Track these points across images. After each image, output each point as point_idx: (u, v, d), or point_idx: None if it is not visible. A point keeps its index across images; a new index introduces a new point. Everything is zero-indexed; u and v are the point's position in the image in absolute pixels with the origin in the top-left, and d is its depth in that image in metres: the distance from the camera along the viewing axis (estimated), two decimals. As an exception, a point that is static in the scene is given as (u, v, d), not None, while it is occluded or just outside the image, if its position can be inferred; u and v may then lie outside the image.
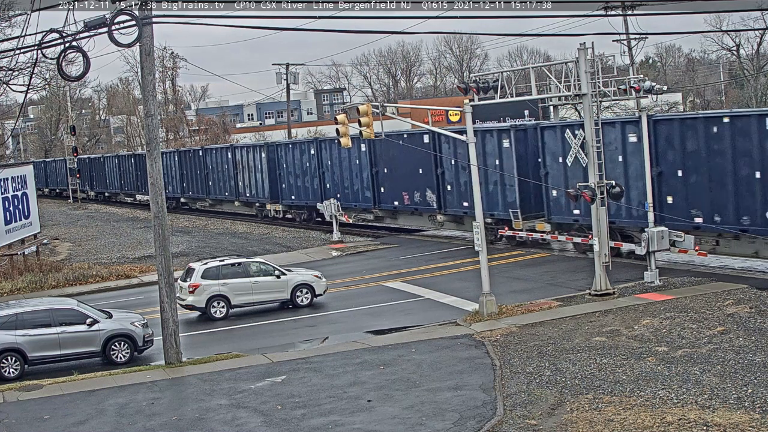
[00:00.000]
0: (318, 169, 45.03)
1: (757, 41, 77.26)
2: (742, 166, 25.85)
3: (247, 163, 51.33)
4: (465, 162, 32.67)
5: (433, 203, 37.53)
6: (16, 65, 32.31)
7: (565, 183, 30.62)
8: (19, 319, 22.16)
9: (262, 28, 71.93)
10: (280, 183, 48.63)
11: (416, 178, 38.44)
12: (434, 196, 37.45)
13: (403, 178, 39.29)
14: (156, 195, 21.87)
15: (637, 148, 28.06)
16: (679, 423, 14.53)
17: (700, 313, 21.74)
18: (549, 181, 31.56)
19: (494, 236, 34.71)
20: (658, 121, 28.51)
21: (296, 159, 47.01)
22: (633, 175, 28.77)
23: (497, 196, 34.21)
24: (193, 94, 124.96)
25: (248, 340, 24.28)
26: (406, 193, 39.24)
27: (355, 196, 42.76)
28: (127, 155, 72.67)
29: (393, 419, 15.96)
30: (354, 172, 42.49)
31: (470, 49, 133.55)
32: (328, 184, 44.42)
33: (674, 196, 27.98)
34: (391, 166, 39.97)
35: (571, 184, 28.70)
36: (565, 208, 31.33)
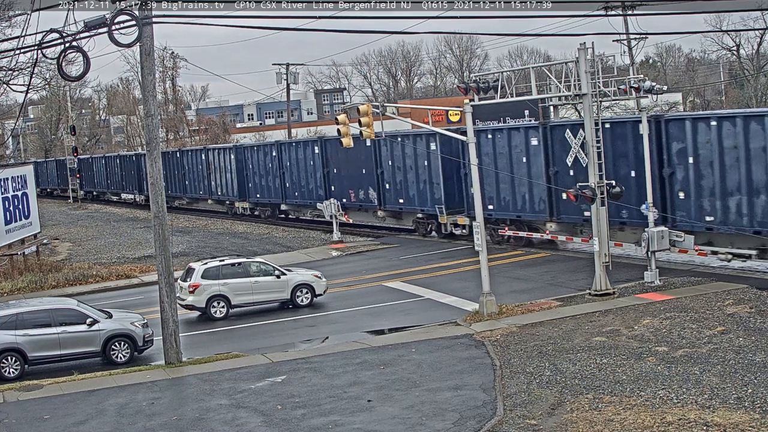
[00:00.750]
0: (279, 169, 48.67)
1: (757, 41, 77.32)
2: (622, 166, 29.52)
3: (218, 164, 54.92)
4: (400, 163, 39.30)
5: (375, 200, 41.23)
6: (16, 65, 32.33)
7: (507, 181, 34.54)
8: (19, 319, 22.15)
9: (262, 28, 71.92)
10: (247, 182, 52.13)
11: (361, 178, 42.12)
12: (375, 194, 41.20)
13: (349, 178, 43.00)
14: (156, 195, 21.86)
15: (537, 151, 32.50)
16: (679, 423, 14.53)
17: (700, 313, 21.74)
18: (469, 180, 33.33)
19: (425, 230, 39.60)
20: (554, 127, 32.35)
21: (261, 160, 50.53)
22: (534, 175, 32.67)
23: (426, 194, 38.04)
24: (193, 94, 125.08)
25: (248, 340, 24.28)
26: (353, 191, 42.87)
27: (310, 194, 46.26)
28: (113, 156, 75.68)
29: (393, 419, 15.96)
30: (309, 172, 46.20)
31: (470, 49, 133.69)
32: (288, 183, 48.19)
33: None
34: (340, 167, 43.73)
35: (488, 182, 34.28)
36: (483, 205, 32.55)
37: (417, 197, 38.52)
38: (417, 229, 40.44)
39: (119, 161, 72.69)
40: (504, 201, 34.77)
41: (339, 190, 43.81)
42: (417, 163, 38.25)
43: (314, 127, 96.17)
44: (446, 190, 36.75)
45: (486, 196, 33.87)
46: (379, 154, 40.59)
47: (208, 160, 56.44)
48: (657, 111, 61.60)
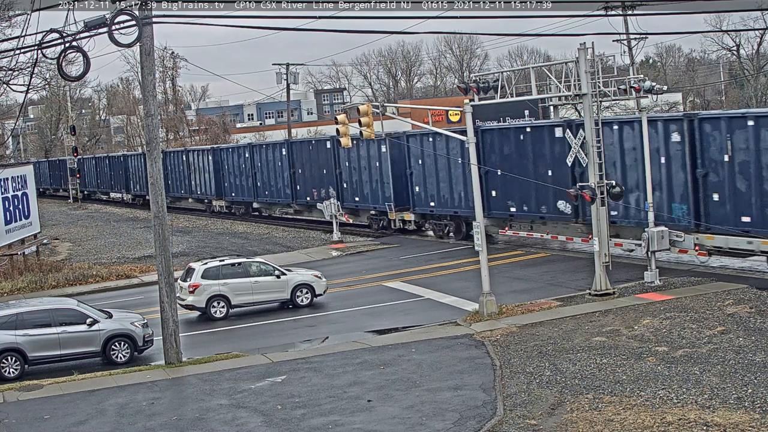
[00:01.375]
0: (251, 170, 51.77)
1: (757, 41, 77.32)
2: (540, 166, 32.48)
3: (198, 165, 58.13)
4: (356, 164, 42.19)
5: (333, 197, 43.56)
6: (16, 65, 32.31)
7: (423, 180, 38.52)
8: (19, 319, 22.15)
9: (262, 28, 71.92)
10: (223, 182, 55.45)
11: (322, 178, 45.31)
12: (335, 192, 43.88)
13: (312, 177, 46.24)
14: (156, 195, 21.85)
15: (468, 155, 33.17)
16: (679, 423, 14.53)
17: (700, 313, 21.74)
18: (413, 179, 38.67)
19: (378, 225, 42.55)
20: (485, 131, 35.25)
21: (235, 161, 53.73)
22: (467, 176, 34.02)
23: (378, 193, 41.14)
24: (193, 94, 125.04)
25: (248, 340, 24.28)
26: (315, 190, 45.96)
27: (278, 193, 49.53)
28: (103, 157, 79.09)
29: (393, 419, 15.96)
30: (278, 172, 49.24)
31: (470, 49, 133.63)
32: (259, 183, 51.31)
33: (496, 191, 35.09)
34: (305, 167, 46.85)
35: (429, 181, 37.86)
36: (425, 202, 38.71)
37: (370, 195, 41.68)
38: (371, 225, 43.22)
39: (108, 161, 75.66)
40: (443, 199, 37.79)
41: (303, 189, 47.11)
42: (370, 164, 41.33)
43: (314, 127, 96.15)
44: (395, 189, 40.00)
45: (428, 194, 38.30)
46: (338, 155, 43.45)
47: (188, 161, 59.28)
48: (657, 111, 61.61)
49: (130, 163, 70.01)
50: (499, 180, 34.18)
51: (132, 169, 69.67)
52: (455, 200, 36.98)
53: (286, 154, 48.19)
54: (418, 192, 38.83)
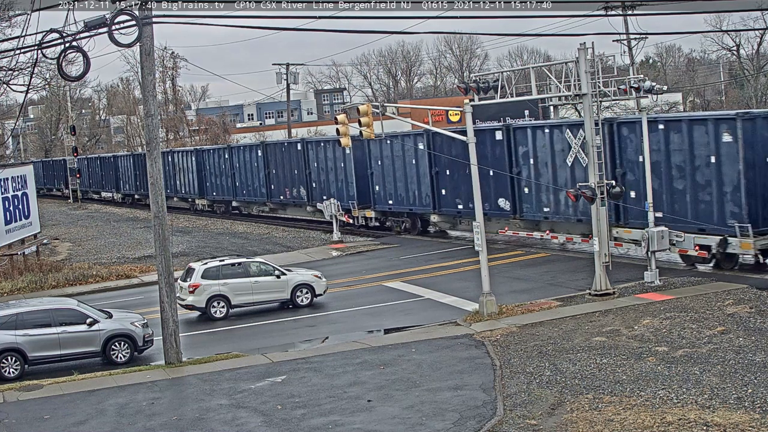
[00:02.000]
0: (231, 170, 54.44)
1: (757, 41, 77.25)
2: (483, 167, 32.63)
3: (182, 165, 60.72)
4: (324, 165, 44.88)
5: (305, 197, 46.92)
6: (16, 65, 32.27)
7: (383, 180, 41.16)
8: (19, 319, 22.15)
9: (262, 28, 71.92)
10: (205, 182, 58.06)
11: (294, 178, 47.95)
12: (305, 191, 46.91)
13: (285, 177, 48.78)
14: (156, 195, 21.85)
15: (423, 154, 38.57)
16: (679, 423, 14.53)
17: (700, 313, 21.74)
18: (374, 179, 41.44)
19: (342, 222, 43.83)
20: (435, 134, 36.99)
21: (216, 162, 56.32)
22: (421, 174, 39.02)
23: (343, 192, 43.37)
24: (193, 94, 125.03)
25: (248, 340, 24.28)
26: (287, 189, 48.72)
27: (255, 192, 52.24)
28: (94, 157, 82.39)
29: (393, 419, 15.96)
30: (254, 173, 51.90)
31: (470, 49, 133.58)
32: (237, 183, 53.97)
33: (446, 190, 37.73)
34: (278, 168, 49.38)
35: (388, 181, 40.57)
36: (384, 200, 41.49)
37: (336, 194, 43.66)
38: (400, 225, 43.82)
39: (99, 162, 78.91)
40: (400, 197, 40.51)
41: (277, 188, 49.79)
42: (336, 165, 43.94)
43: (314, 127, 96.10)
44: (358, 188, 42.57)
45: (386, 192, 41.08)
46: (308, 157, 46.17)
47: (173, 161, 61.82)
48: (657, 111, 61.59)
49: (120, 163, 72.93)
50: (448, 179, 37.37)
51: (122, 169, 72.44)
52: (410, 198, 39.78)
53: (261, 155, 50.74)
54: (378, 191, 41.57)
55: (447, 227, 39.59)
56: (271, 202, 51.07)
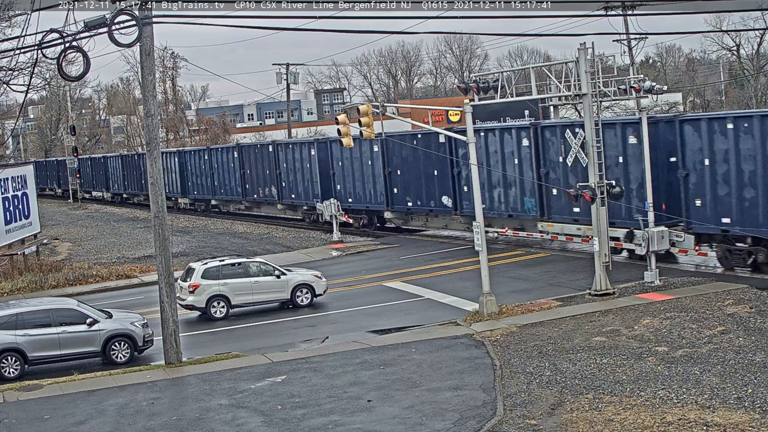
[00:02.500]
0: (210, 171, 57.12)
1: (757, 41, 77.24)
2: (429, 167, 38.39)
3: (166, 166, 62.36)
4: (292, 166, 47.61)
5: (275, 196, 49.67)
6: (16, 65, 32.27)
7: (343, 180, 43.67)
8: (19, 319, 22.15)
9: (262, 28, 71.98)
10: (187, 181, 60.82)
11: (266, 177, 50.53)
12: (276, 190, 49.48)
13: (258, 177, 51.46)
14: (156, 195, 21.85)
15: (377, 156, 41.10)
16: (679, 423, 14.53)
17: (700, 313, 21.75)
18: (335, 179, 44.25)
19: (310, 219, 47.35)
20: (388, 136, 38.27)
21: (196, 163, 59.18)
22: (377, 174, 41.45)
23: (309, 190, 46.45)
24: (193, 94, 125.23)
25: (248, 340, 24.28)
26: (260, 188, 51.26)
27: (231, 191, 55.00)
28: (86, 158, 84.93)
29: (393, 419, 15.96)
30: (231, 173, 54.56)
31: (470, 49, 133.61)
32: (216, 182, 56.71)
33: (397, 188, 40.54)
34: (252, 168, 52.08)
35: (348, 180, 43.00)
36: (344, 198, 43.60)
37: (303, 193, 46.98)
38: (305, 218, 48.46)
39: (90, 163, 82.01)
40: (359, 195, 42.94)
41: (251, 188, 52.48)
42: (303, 165, 46.74)
43: (314, 127, 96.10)
44: (322, 187, 45.06)
45: (347, 191, 43.53)
46: (278, 158, 48.83)
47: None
48: (657, 111, 61.58)
49: (109, 164, 75.98)
50: (399, 179, 40.23)
51: (111, 169, 75.43)
52: (367, 197, 42.34)
53: (237, 156, 53.62)
54: (340, 190, 44.07)
55: (400, 223, 42.58)
56: (246, 200, 53.75)
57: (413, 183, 39.31)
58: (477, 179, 24.92)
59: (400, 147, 39.30)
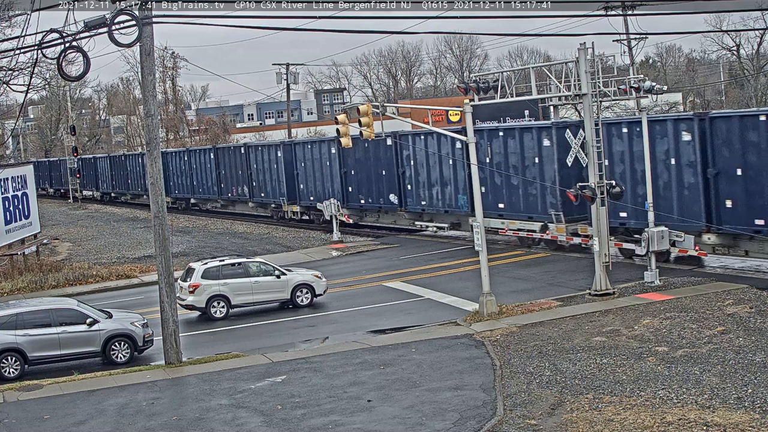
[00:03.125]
0: (189, 171, 60.76)
1: (757, 41, 77.28)
2: (379, 167, 41.15)
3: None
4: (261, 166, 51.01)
5: (247, 194, 53.04)
6: (16, 65, 32.25)
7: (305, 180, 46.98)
8: (19, 319, 22.15)
9: (262, 28, 72.01)
10: (169, 181, 62.06)
11: (239, 177, 53.97)
12: (247, 189, 52.88)
13: (232, 177, 54.95)
14: (156, 195, 21.86)
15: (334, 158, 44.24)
16: (679, 423, 14.53)
17: (700, 313, 21.75)
18: (299, 179, 47.36)
19: (278, 216, 50.82)
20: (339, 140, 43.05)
21: (177, 163, 62.73)
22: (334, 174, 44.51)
23: (276, 189, 49.69)
24: (193, 94, 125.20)
25: (248, 340, 24.28)
26: (234, 188, 54.74)
27: (208, 190, 58.36)
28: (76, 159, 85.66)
29: (393, 419, 15.96)
30: (208, 173, 57.99)
31: (470, 49, 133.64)
32: (195, 182, 60.30)
33: (352, 187, 43.34)
34: (227, 168, 55.61)
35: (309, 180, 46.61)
36: (306, 197, 47.32)
37: (271, 192, 50.27)
38: (273, 215, 51.60)
39: (81, 163, 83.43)
40: (319, 194, 45.90)
41: (226, 187, 55.81)
42: (270, 166, 49.89)
43: (314, 127, 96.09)
44: (288, 186, 48.38)
45: (308, 190, 46.98)
46: (249, 159, 52.13)
47: (143, 163, 65.75)
48: (657, 111, 61.57)
49: (98, 164, 79.77)
50: (354, 179, 43.28)
51: (100, 169, 79.17)
52: (326, 195, 44.88)
53: (213, 157, 57.14)
54: (302, 189, 47.55)
55: (356, 219, 44.94)
56: (222, 198, 57.26)
57: (365, 182, 42.44)
58: (477, 179, 24.93)
59: (354, 149, 40.69)
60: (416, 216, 40.22)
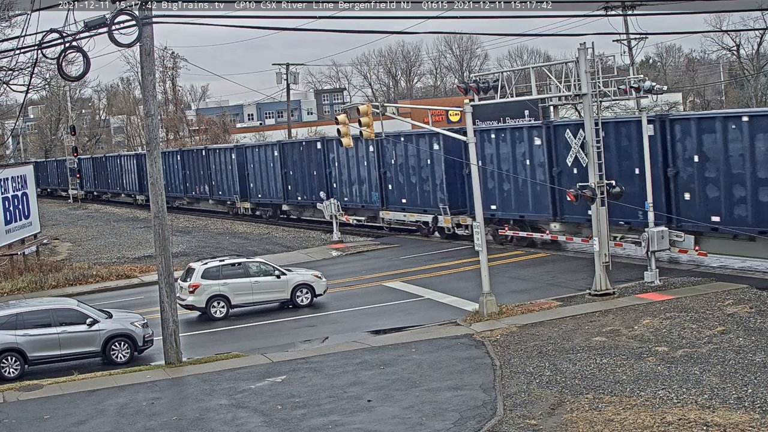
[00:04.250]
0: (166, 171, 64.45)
1: (757, 41, 77.30)
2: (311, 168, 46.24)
3: (127, 167, 72.65)
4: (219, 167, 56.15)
5: (207, 193, 58.39)
6: (16, 65, 32.27)
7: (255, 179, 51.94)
8: (19, 319, 22.15)
9: (262, 28, 72.01)
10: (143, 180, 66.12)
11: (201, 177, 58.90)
12: (207, 188, 58.16)
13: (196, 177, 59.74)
14: (156, 195, 21.85)
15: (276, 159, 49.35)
16: (679, 423, 14.54)
17: (700, 313, 21.75)
18: (249, 178, 52.77)
19: (232, 212, 56.25)
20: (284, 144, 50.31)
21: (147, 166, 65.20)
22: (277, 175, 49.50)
23: (231, 188, 54.65)
24: (193, 94, 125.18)
25: (248, 340, 24.28)
26: (197, 186, 59.98)
27: (176, 188, 63.28)
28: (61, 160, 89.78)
29: (393, 419, 15.96)
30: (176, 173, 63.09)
31: (470, 49, 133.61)
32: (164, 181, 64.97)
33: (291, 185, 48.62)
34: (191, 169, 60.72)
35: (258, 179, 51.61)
36: (255, 194, 52.44)
37: (227, 190, 55.20)
38: (228, 212, 56.95)
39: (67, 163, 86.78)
40: (265, 192, 50.78)
41: (191, 186, 60.84)
42: (226, 167, 55.21)
43: (314, 127, 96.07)
44: (240, 185, 53.48)
45: (257, 188, 51.73)
46: (209, 160, 57.26)
47: (120, 164, 74.22)
48: (658, 111, 61.55)
49: (82, 165, 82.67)
50: (292, 178, 48.30)
51: (84, 170, 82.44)
52: (271, 193, 50.41)
53: (180, 159, 62.43)
54: (252, 187, 52.53)
55: (297, 214, 50.50)
56: (187, 196, 62.38)
57: (301, 182, 47.56)
58: (477, 180, 24.88)
59: (291, 151, 47.92)
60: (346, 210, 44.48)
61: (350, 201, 43.66)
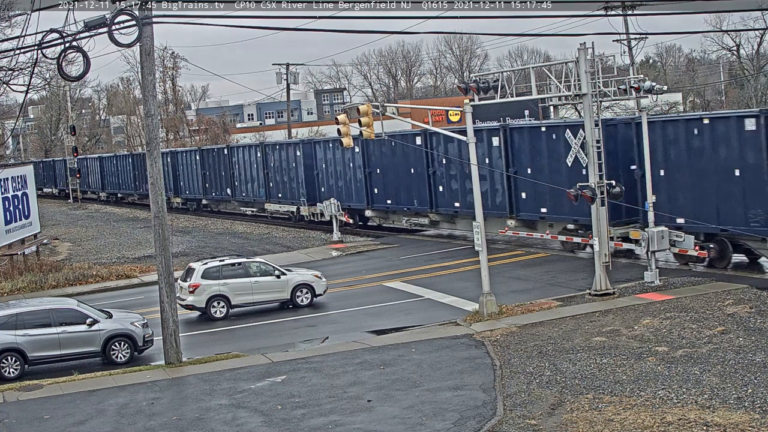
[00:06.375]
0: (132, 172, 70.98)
1: (757, 41, 77.26)
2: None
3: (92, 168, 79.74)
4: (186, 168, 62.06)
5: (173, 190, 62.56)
6: (16, 65, 32.23)
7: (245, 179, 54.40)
8: (19, 319, 22.15)
9: (262, 28, 71.99)
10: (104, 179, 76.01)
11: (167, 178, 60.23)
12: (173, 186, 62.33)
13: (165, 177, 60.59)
14: (156, 195, 21.84)
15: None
16: (679, 423, 14.54)
17: (700, 313, 21.75)
18: (205, 178, 59.02)
19: (194, 208, 62.36)
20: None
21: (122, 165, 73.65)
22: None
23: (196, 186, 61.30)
24: (193, 94, 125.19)
25: (248, 340, 24.28)
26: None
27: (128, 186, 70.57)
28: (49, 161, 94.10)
29: (393, 419, 15.96)
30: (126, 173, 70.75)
31: (470, 49, 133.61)
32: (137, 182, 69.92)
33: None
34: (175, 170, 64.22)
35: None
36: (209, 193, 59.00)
37: (197, 188, 60.69)
38: (189, 208, 62.53)
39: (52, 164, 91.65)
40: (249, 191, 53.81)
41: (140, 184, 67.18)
42: (191, 168, 61.38)
43: (314, 127, 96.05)
44: (204, 182, 59.32)
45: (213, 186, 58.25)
46: (176, 162, 63.15)
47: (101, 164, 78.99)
48: (657, 111, 61.57)
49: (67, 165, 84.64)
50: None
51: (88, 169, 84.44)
52: (254, 192, 53.62)
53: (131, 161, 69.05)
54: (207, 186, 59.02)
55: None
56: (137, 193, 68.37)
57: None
58: (477, 180, 24.89)
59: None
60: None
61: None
